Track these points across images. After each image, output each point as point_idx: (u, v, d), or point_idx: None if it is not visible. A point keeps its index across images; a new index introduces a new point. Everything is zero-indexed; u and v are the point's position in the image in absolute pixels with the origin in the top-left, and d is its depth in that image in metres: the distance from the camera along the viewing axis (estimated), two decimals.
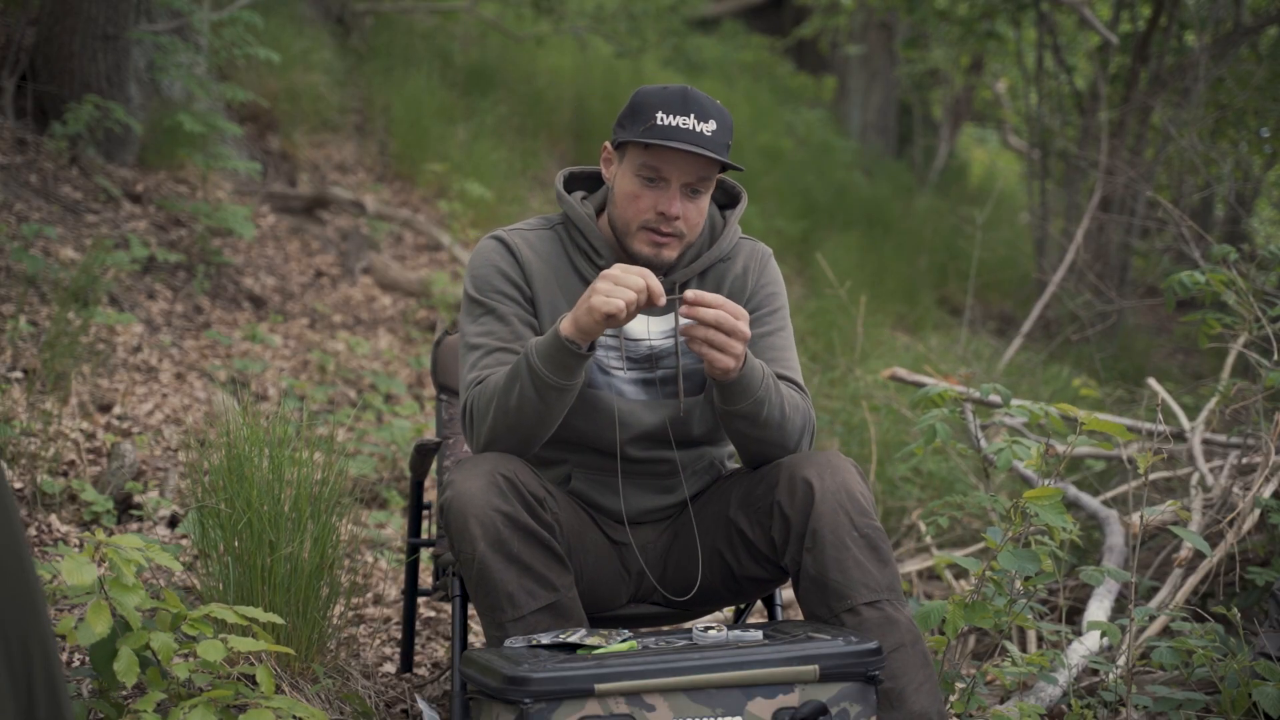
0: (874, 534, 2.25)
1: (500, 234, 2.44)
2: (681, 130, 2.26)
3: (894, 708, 2.18)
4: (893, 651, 2.19)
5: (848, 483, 2.26)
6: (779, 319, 2.48)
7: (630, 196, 2.33)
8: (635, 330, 2.41)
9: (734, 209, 2.50)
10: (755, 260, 2.49)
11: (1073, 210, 7.60)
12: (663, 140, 2.25)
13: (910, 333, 7.03)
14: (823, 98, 12.48)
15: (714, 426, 2.48)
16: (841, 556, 2.22)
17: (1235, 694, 2.57)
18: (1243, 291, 3.36)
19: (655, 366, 2.42)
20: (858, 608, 2.21)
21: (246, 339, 4.85)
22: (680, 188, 2.30)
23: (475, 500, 2.19)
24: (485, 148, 7.11)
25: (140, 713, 2.14)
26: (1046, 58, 7.98)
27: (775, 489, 2.29)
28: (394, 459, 4.29)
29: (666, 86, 2.32)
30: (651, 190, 2.31)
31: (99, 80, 5.08)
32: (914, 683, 2.20)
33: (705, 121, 2.27)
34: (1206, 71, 6.77)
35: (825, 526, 2.23)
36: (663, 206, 2.30)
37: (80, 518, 3.25)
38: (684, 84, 2.32)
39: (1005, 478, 4.15)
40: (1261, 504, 3.03)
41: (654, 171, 2.30)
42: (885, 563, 2.24)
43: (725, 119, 2.31)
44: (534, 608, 2.22)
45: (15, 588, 1.46)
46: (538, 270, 2.40)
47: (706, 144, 2.26)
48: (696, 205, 2.33)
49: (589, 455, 2.43)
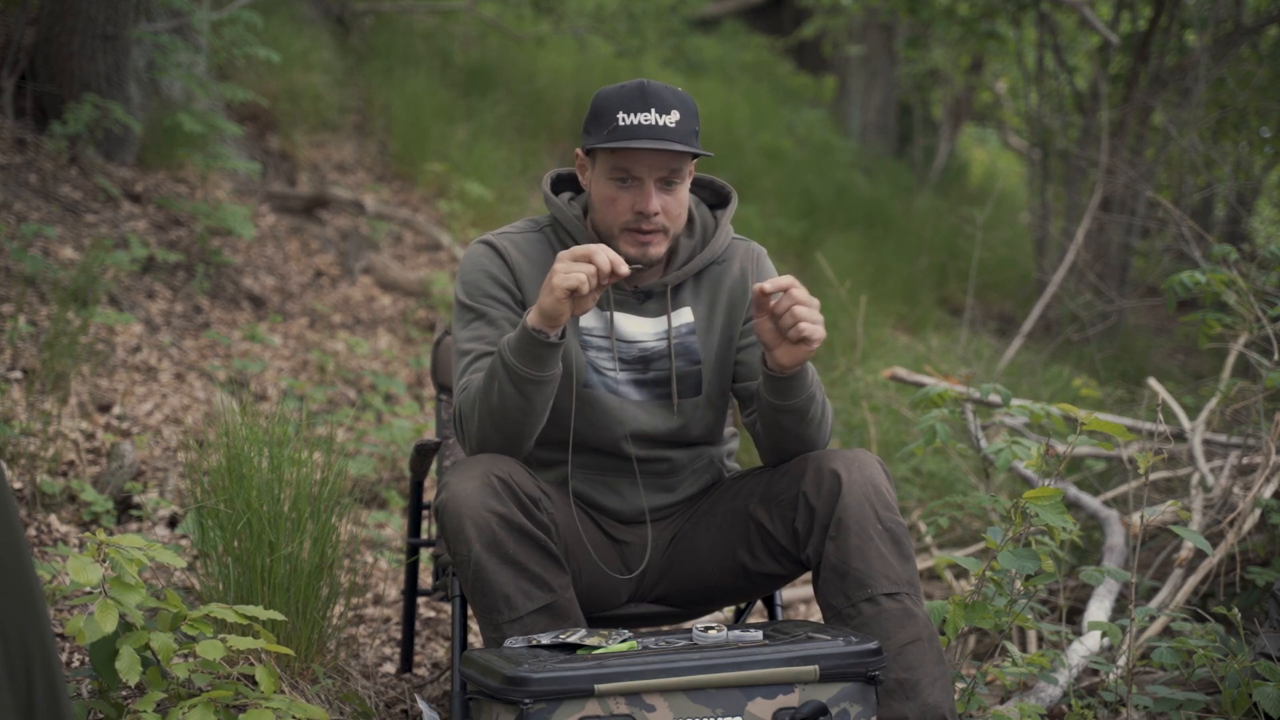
0: (897, 529, 2.26)
1: (489, 238, 2.44)
2: (644, 127, 2.27)
3: (909, 698, 2.19)
4: (910, 644, 2.20)
5: (874, 477, 2.28)
6: None
7: (607, 201, 2.34)
8: (627, 331, 2.41)
9: (725, 209, 2.50)
10: (751, 261, 2.50)
11: (1073, 210, 7.59)
12: (626, 142, 2.26)
13: (910, 333, 7.03)
14: (823, 98, 12.47)
15: (712, 427, 2.49)
16: (865, 546, 2.23)
17: (1235, 694, 2.57)
18: (1243, 291, 3.36)
19: (648, 368, 2.42)
20: (878, 597, 2.22)
21: (246, 339, 4.84)
22: (654, 183, 2.32)
23: (470, 502, 2.19)
24: (485, 148, 7.11)
25: (140, 712, 2.14)
26: (1047, 58, 7.98)
27: (801, 480, 2.30)
28: (394, 459, 4.29)
29: (624, 84, 2.32)
30: (626, 191, 2.32)
31: (99, 80, 5.08)
32: (929, 676, 2.21)
33: (667, 113, 2.28)
34: (1207, 71, 6.77)
35: (851, 516, 2.24)
36: (640, 205, 2.31)
37: (80, 518, 3.25)
38: (640, 79, 2.34)
39: (1005, 478, 4.14)
40: (1262, 504, 3.03)
41: (624, 172, 2.31)
42: (907, 558, 2.26)
43: (687, 106, 2.32)
44: (531, 609, 2.21)
45: (15, 588, 1.46)
46: (527, 273, 2.41)
47: (671, 136, 2.28)
48: (674, 197, 2.34)
49: (587, 455, 2.43)
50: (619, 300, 2.42)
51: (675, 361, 2.42)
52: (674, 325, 2.43)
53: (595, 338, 2.41)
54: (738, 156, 8.82)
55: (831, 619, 2.26)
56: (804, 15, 12.03)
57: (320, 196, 6.18)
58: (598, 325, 2.41)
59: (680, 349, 2.43)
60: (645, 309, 2.42)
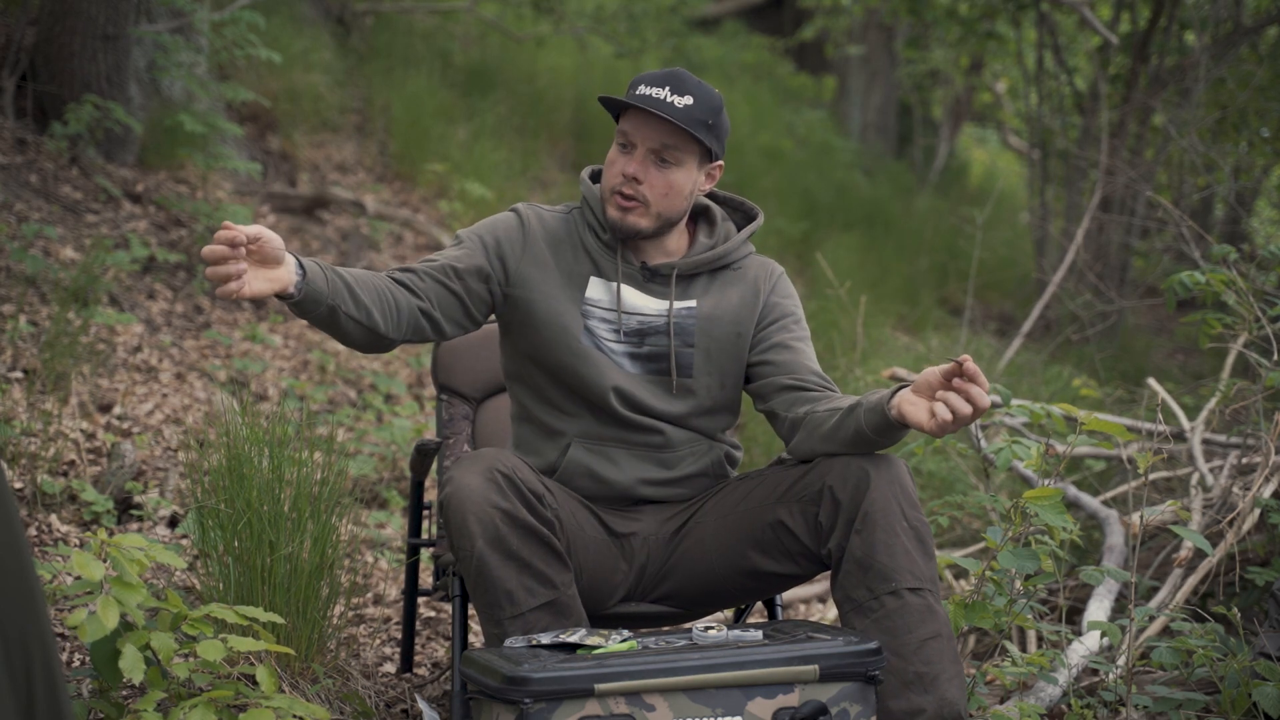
0: (922, 528, 2.28)
1: (520, 207, 2.53)
2: (653, 98, 2.36)
3: (927, 691, 2.19)
4: (930, 639, 2.22)
5: (900, 475, 2.29)
6: (803, 328, 2.55)
7: (609, 163, 2.44)
8: (630, 303, 2.47)
9: (749, 225, 2.60)
10: (766, 275, 2.56)
11: (1073, 210, 7.59)
12: (629, 101, 2.35)
13: (911, 333, 7.03)
14: (823, 98, 12.47)
15: (712, 415, 2.50)
16: (891, 541, 2.24)
17: (1235, 694, 2.57)
18: (1243, 291, 3.36)
19: (643, 342, 2.46)
20: (901, 591, 2.22)
21: (246, 339, 4.85)
22: (646, 153, 2.39)
23: (474, 497, 2.20)
24: (485, 148, 7.11)
25: (140, 712, 2.14)
26: (1047, 58, 7.98)
27: (827, 475, 2.31)
28: (394, 459, 4.30)
29: (663, 68, 2.43)
30: (623, 156, 2.41)
31: (99, 80, 5.08)
32: (947, 673, 2.22)
33: (681, 95, 2.37)
34: (1207, 71, 6.77)
35: (878, 510, 2.25)
36: (626, 169, 2.39)
37: (80, 518, 3.25)
38: (680, 68, 2.44)
39: (1005, 478, 4.15)
40: (1261, 504, 3.03)
41: (625, 137, 2.40)
42: (930, 557, 2.28)
43: (709, 100, 2.39)
44: (533, 605, 2.22)
45: (15, 588, 1.46)
46: (541, 240, 2.47)
47: (673, 112, 2.35)
48: (664, 176, 2.40)
49: (587, 421, 2.46)
50: (627, 274, 2.47)
51: (673, 340, 2.46)
52: (676, 307, 2.47)
53: (598, 309, 2.46)
54: (738, 157, 8.82)
55: (850, 611, 2.26)
56: (804, 16, 12.03)
57: (321, 197, 6.18)
58: (604, 298, 2.47)
59: (678, 329, 2.47)
60: (650, 287, 2.48)
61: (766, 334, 2.51)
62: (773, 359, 2.48)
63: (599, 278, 2.47)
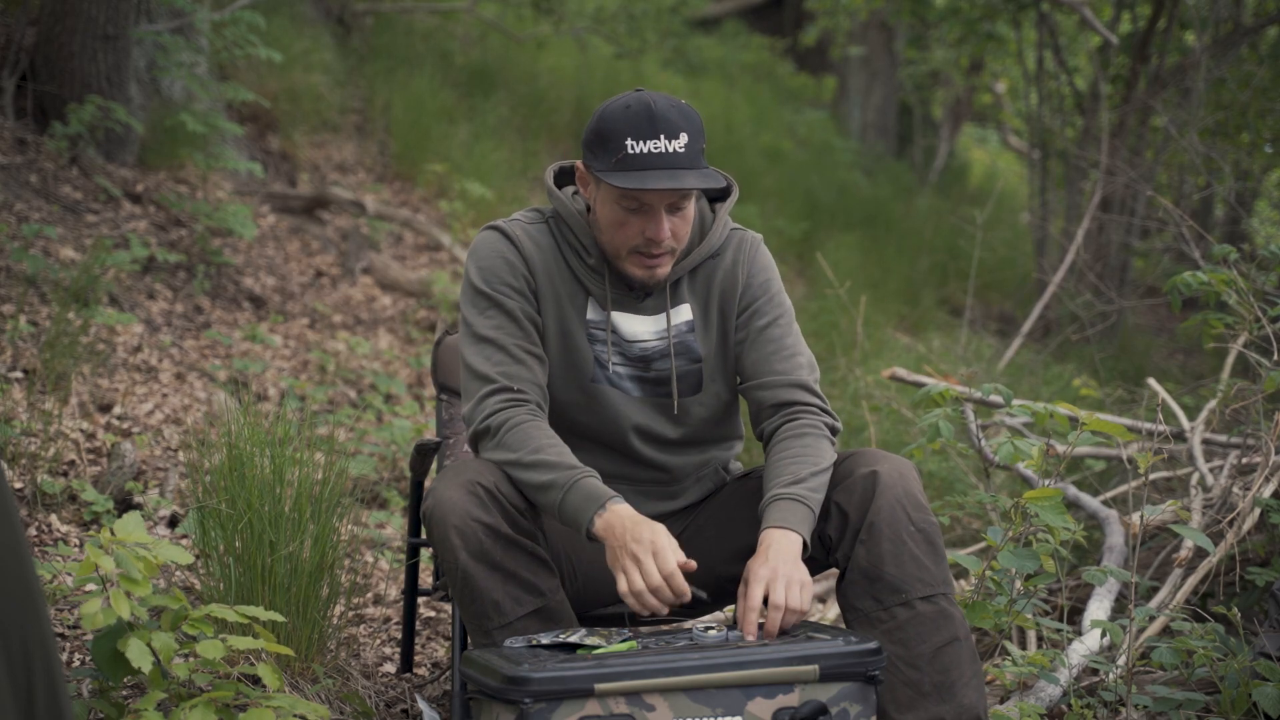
0: (930, 530, 2.25)
1: (501, 225, 2.41)
2: (654, 156, 2.22)
3: (944, 700, 2.18)
4: (946, 645, 2.20)
5: (905, 480, 2.26)
6: (776, 305, 2.44)
7: (615, 225, 2.30)
8: (627, 330, 2.40)
9: (724, 202, 2.46)
10: (744, 251, 2.45)
11: (1073, 210, 7.59)
12: (640, 183, 2.20)
13: (911, 333, 7.03)
14: (823, 98, 12.48)
15: (716, 425, 2.48)
16: (898, 551, 2.22)
17: (1235, 694, 2.57)
18: (1243, 291, 3.36)
19: (649, 368, 2.41)
20: (913, 601, 2.21)
21: (246, 339, 4.85)
22: (664, 209, 2.28)
23: (455, 510, 2.18)
24: (486, 148, 7.11)
25: (141, 712, 2.14)
26: (1047, 58, 7.98)
27: (834, 492, 2.28)
28: (394, 459, 4.30)
29: (629, 104, 2.25)
30: (636, 217, 2.28)
31: (99, 80, 5.08)
32: (964, 677, 2.20)
33: (675, 138, 2.23)
34: (1207, 72, 6.77)
35: (883, 520, 2.22)
36: (650, 233, 2.28)
37: (80, 518, 3.25)
38: (641, 92, 2.27)
39: (1005, 478, 4.15)
40: (1261, 504, 3.03)
41: (635, 202, 2.27)
42: (940, 558, 2.25)
43: (693, 124, 2.26)
44: (520, 614, 2.21)
45: (15, 588, 1.46)
46: (539, 262, 2.38)
47: (681, 162, 2.23)
48: (683, 218, 2.31)
49: (595, 456, 2.42)
50: (618, 299, 2.39)
51: (675, 361, 2.41)
52: (673, 323, 2.41)
53: (600, 330, 2.39)
54: (739, 157, 8.83)
55: (855, 621, 2.25)
56: (805, 16, 12.03)
57: (321, 197, 6.18)
58: (602, 318, 2.39)
59: (680, 348, 2.41)
60: (644, 307, 2.40)
61: (739, 321, 2.43)
62: (746, 357, 2.42)
63: (592, 299, 2.40)
